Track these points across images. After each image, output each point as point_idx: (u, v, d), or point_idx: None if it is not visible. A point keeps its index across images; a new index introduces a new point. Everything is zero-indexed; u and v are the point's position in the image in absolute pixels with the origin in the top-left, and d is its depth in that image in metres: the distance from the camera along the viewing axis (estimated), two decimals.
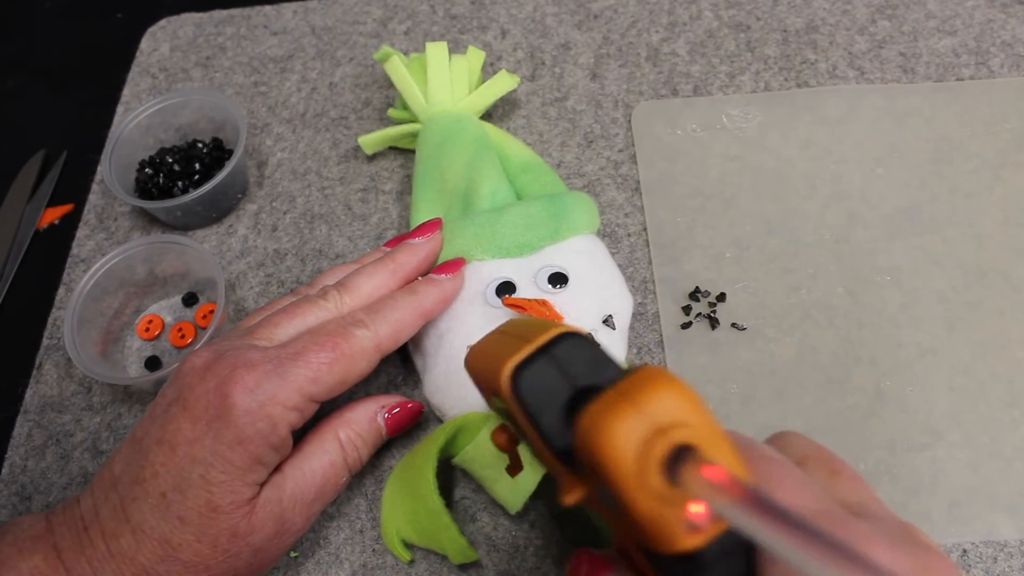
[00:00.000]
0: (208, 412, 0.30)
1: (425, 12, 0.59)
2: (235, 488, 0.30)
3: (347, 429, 0.35)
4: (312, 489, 0.33)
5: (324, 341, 0.33)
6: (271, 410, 0.31)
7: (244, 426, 0.30)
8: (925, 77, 0.52)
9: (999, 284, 0.42)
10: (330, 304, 0.36)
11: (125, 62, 0.59)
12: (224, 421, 0.30)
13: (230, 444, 0.30)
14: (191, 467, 0.30)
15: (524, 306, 0.37)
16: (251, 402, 0.30)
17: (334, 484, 0.34)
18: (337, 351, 0.33)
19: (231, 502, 0.30)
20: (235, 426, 0.30)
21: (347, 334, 0.33)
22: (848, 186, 0.47)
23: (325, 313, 0.35)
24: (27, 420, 0.44)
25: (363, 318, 0.34)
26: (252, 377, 0.31)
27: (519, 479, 0.36)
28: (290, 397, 0.31)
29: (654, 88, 0.53)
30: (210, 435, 0.30)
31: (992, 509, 0.37)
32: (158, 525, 0.30)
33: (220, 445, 0.30)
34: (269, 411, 0.31)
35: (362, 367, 0.34)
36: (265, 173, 0.52)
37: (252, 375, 0.31)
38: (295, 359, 0.32)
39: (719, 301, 0.44)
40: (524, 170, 0.45)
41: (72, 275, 0.49)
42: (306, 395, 0.32)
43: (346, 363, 0.33)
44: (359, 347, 0.33)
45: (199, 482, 0.30)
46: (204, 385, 0.31)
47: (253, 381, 0.31)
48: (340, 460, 0.35)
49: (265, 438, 0.31)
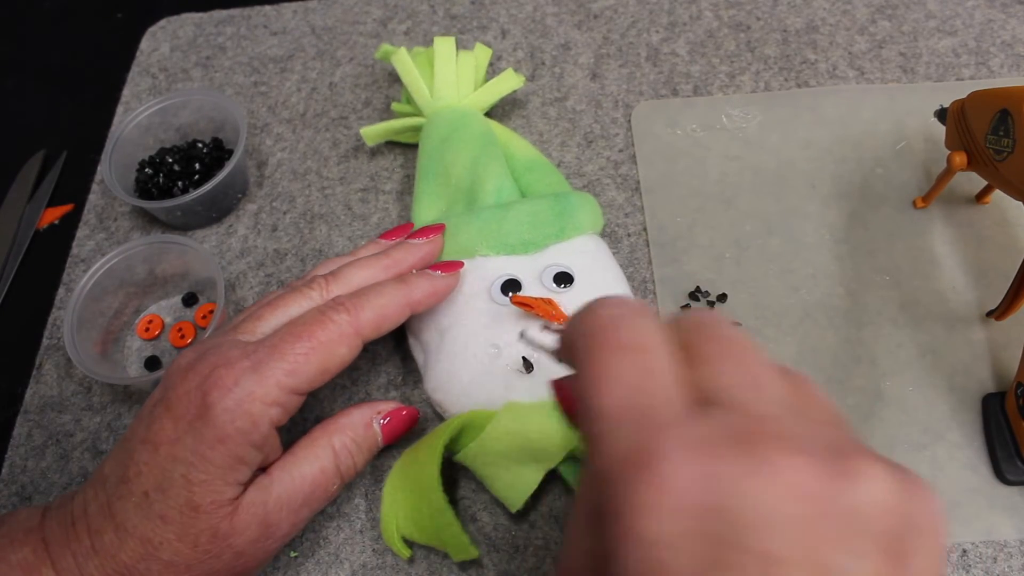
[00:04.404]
0: (189, 412, 0.30)
1: (425, 12, 0.59)
2: (216, 488, 0.30)
3: (341, 435, 0.35)
4: (300, 495, 0.33)
5: (300, 331, 0.32)
6: (250, 407, 0.31)
7: (224, 425, 0.30)
8: (925, 77, 0.52)
9: (999, 284, 0.42)
10: (315, 293, 0.35)
11: (125, 62, 0.59)
12: (204, 420, 0.30)
13: (211, 444, 0.30)
14: (172, 466, 0.30)
15: (531, 304, 0.37)
16: (230, 401, 0.30)
17: (324, 491, 0.34)
18: (313, 340, 0.32)
19: (212, 501, 0.30)
20: (215, 425, 0.30)
21: (324, 320, 0.33)
22: (848, 186, 0.47)
23: (309, 302, 0.35)
24: (27, 420, 0.44)
25: (344, 301, 0.34)
26: (230, 375, 0.31)
27: (519, 478, 0.36)
28: (269, 392, 0.31)
29: (654, 88, 0.53)
30: (191, 435, 0.30)
31: (992, 509, 0.37)
32: (140, 523, 0.30)
33: (201, 445, 0.30)
34: (248, 408, 0.30)
35: (342, 353, 0.33)
36: (265, 173, 0.52)
37: (230, 373, 0.31)
38: (271, 353, 0.32)
39: (719, 301, 0.44)
40: (529, 168, 0.45)
41: (72, 275, 0.49)
42: (285, 388, 0.31)
43: (324, 351, 0.32)
44: (337, 333, 0.33)
45: (180, 481, 0.30)
46: (185, 385, 0.31)
47: (231, 379, 0.31)
48: (332, 467, 0.34)
49: (246, 436, 0.31)
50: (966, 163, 0.41)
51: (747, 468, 0.17)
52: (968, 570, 0.36)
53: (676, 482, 0.17)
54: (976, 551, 0.36)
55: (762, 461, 0.17)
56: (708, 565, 0.17)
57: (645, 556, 0.17)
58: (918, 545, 0.18)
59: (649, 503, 0.17)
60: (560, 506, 0.39)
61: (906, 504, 0.18)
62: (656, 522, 0.17)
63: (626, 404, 0.19)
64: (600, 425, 0.19)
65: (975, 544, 0.36)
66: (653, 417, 0.19)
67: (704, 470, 0.17)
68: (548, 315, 0.37)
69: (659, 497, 0.17)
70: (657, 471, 0.17)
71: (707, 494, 0.17)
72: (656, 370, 0.20)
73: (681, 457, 0.17)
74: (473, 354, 0.37)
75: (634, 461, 0.17)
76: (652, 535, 0.17)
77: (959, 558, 0.36)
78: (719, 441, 0.17)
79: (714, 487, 0.17)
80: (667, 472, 0.17)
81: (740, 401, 0.19)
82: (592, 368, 0.20)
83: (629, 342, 0.20)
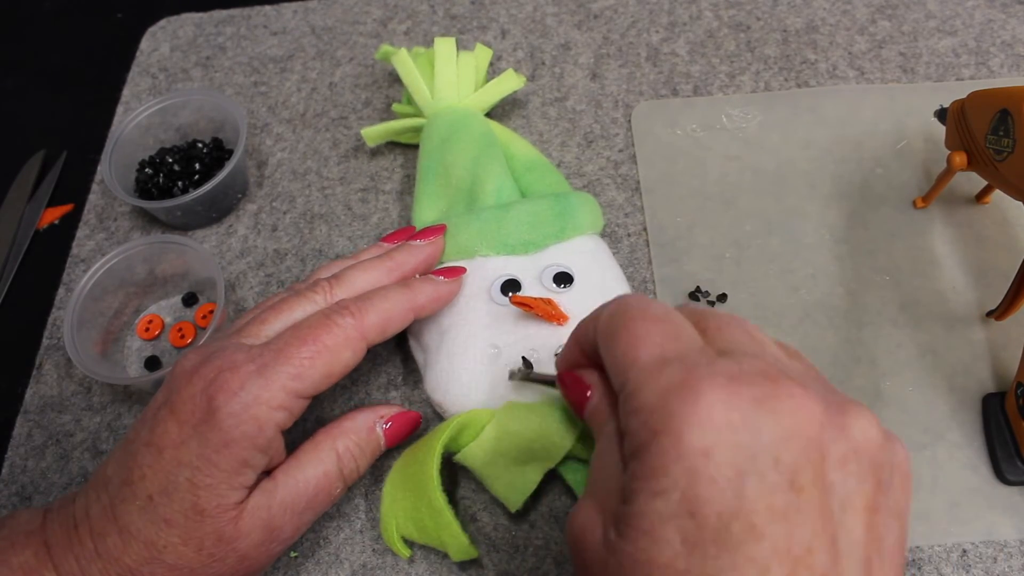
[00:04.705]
0: (194, 415, 0.30)
1: (425, 12, 0.59)
2: (221, 492, 0.30)
3: (345, 439, 0.35)
4: (304, 498, 0.33)
5: (306, 335, 0.32)
6: (256, 412, 0.30)
7: (229, 429, 0.30)
8: (925, 77, 0.52)
9: (999, 284, 0.42)
10: (319, 297, 0.35)
11: (125, 62, 0.59)
12: (209, 424, 0.30)
13: (216, 448, 0.30)
14: (177, 470, 0.30)
15: (531, 304, 0.37)
16: (236, 405, 0.30)
17: (327, 495, 0.34)
18: (319, 344, 0.32)
19: (217, 505, 0.30)
20: (220, 429, 0.30)
21: (329, 324, 0.33)
22: (848, 186, 0.47)
23: (313, 306, 0.35)
24: (27, 420, 0.44)
25: (348, 305, 0.34)
26: (236, 379, 0.31)
27: (519, 478, 0.36)
28: (275, 396, 0.31)
29: (654, 88, 0.53)
30: (196, 438, 0.30)
31: (992, 509, 0.37)
32: (144, 527, 0.30)
33: (206, 449, 0.30)
34: (254, 413, 0.30)
35: (347, 357, 0.33)
36: (265, 173, 0.52)
37: (236, 377, 0.31)
38: (277, 356, 0.31)
39: (719, 301, 0.44)
40: (529, 169, 0.45)
41: (72, 275, 0.49)
42: (291, 392, 0.31)
43: (329, 355, 0.32)
44: (342, 336, 0.33)
45: (185, 485, 0.30)
46: (190, 388, 0.31)
47: (237, 383, 0.30)
48: (335, 471, 0.34)
49: (251, 440, 0.31)
50: (966, 163, 0.41)
51: (771, 394, 0.22)
52: (968, 570, 0.36)
53: (716, 404, 0.22)
54: (976, 551, 0.36)
55: (782, 391, 0.22)
56: (738, 472, 0.21)
57: (691, 465, 0.21)
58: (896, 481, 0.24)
59: (696, 419, 0.22)
60: (560, 506, 0.39)
61: (888, 445, 0.24)
62: (700, 433, 0.21)
63: (662, 355, 0.24)
64: (640, 373, 0.24)
65: (975, 544, 0.36)
66: (691, 361, 0.23)
67: (737, 395, 0.22)
68: (548, 315, 0.37)
69: (704, 414, 0.22)
70: (701, 396, 0.22)
71: (740, 413, 0.22)
72: (683, 333, 0.25)
73: (719, 384, 0.22)
74: (473, 354, 0.37)
75: (679, 392, 0.22)
76: (697, 445, 0.21)
77: (959, 558, 0.36)
78: (745, 376, 0.22)
79: (745, 408, 0.22)
80: (709, 397, 0.22)
81: (752, 352, 0.25)
82: (628, 333, 0.25)
83: (656, 315, 0.26)
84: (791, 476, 0.21)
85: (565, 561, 0.37)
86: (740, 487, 0.21)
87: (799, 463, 0.21)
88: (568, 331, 0.38)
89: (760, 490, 0.21)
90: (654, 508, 0.22)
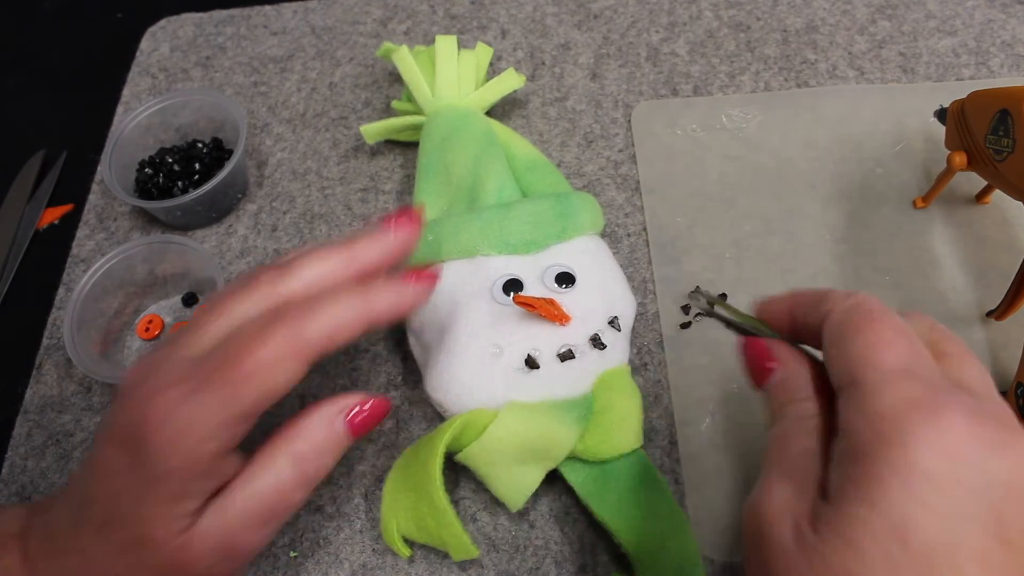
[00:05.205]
0: (129, 444, 0.28)
1: (425, 12, 0.59)
2: (165, 522, 0.29)
3: (299, 442, 0.31)
4: (261, 512, 0.30)
5: (239, 350, 0.29)
6: (187, 443, 0.28)
7: (165, 460, 0.28)
8: (925, 77, 0.52)
9: (999, 284, 0.42)
10: (263, 291, 0.31)
11: (125, 62, 0.59)
12: (140, 459, 0.28)
13: (149, 481, 0.28)
14: (119, 500, 0.29)
15: (534, 305, 0.37)
16: (163, 437, 0.28)
17: (287, 503, 0.31)
18: (252, 360, 0.28)
19: (164, 534, 0.28)
20: (154, 461, 0.28)
21: (264, 337, 0.29)
22: (848, 186, 0.47)
23: (252, 306, 0.31)
24: (27, 420, 0.44)
25: (288, 313, 0.29)
26: (164, 406, 0.28)
27: (520, 478, 0.36)
28: (206, 424, 0.28)
29: (654, 88, 0.53)
30: (135, 469, 0.28)
31: None
32: (100, 554, 0.29)
33: (141, 481, 0.28)
34: (186, 445, 0.28)
35: (286, 375, 0.29)
36: (265, 173, 0.52)
37: (164, 403, 0.28)
38: (210, 377, 0.28)
39: (719, 301, 0.44)
40: (530, 168, 0.45)
41: (72, 275, 0.49)
42: (226, 417, 0.28)
43: (264, 374, 0.28)
44: (280, 352, 0.29)
45: (129, 516, 0.29)
46: (126, 413, 0.29)
47: (163, 412, 0.28)
48: (291, 478, 0.31)
49: (187, 471, 0.28)
50: (966, 163, 0.41)
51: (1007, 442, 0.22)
52: None
53: (955, 432, 0.22)
54: None
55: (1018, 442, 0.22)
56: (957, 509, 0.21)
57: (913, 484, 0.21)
58: None
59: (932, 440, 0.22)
60: (560, 506, 0.39)
61: None
62: (932, 456, 0.21)
63: (904, 366, 0.24)
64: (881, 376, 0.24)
65: None
66: (935, 383, 0.24)
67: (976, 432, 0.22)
68: (550, 315, 0.37)
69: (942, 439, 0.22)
70: (943, 420, 0.22)
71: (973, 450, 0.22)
72: (923, 352, 0.25)
73: (962, 415, 0.22)
74: (474, 354, 0.37)
75: (920, 409, 0.22)
76: (926, 466, 0.21)
77: None
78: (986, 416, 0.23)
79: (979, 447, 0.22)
80: (951, 423, 0.22)
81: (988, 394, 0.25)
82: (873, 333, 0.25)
83: (899, 324, 0.26)
84: (1005, 528, 0.21)
85: (565, 561, 0.37)
86: (954, 524, 0.21)
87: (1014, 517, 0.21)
88: (569, 331, 0.38)
89: (973, 533, 0.21)
90: (862, 517, 0.22)
